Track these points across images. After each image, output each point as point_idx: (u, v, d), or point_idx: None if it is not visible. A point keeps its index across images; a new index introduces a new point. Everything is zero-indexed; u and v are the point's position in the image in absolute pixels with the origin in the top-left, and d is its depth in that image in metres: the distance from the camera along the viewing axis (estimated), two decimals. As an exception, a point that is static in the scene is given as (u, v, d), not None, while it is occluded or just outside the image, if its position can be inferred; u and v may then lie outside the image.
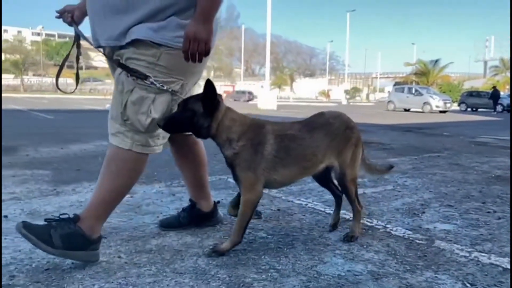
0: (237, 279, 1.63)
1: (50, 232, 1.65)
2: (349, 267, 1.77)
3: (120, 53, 1.72)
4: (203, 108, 1.76)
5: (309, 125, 2.00)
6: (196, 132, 1.84)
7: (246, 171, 1.81)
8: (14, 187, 3.11)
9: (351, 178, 2.08)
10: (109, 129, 1.79)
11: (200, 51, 1.63)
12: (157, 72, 1.69)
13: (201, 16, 1.61)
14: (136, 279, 1.62)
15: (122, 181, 1.79)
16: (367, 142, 6.53)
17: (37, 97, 30.65)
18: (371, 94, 65.67)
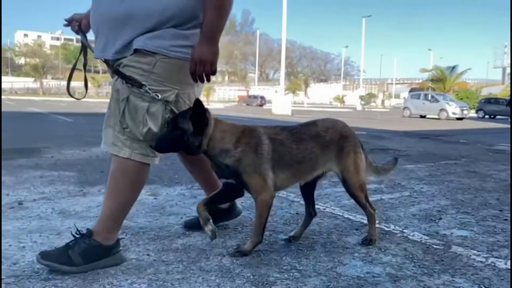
0: (261, 278, 1.71)
1: (68, 253, 1.71)
2: (368, 269, 1.84)
3: (119, 62, 1.74)
4: (192, 127, 1.77)
5: (297, 134, 2.02)
6: (188, 150, 1.86)
7: (252, 175, 1.86)
8: (43, 187, 3.25)
9: (358, 185, 2.11)
10: (105, 139, 1.81)
11: (206, 73, 1.69)
12: (151, 80, 1.70)
13: (206, 39, 1.67)
14: (165, 275, 1.72)
15: (125, 194, 1.81)
16: (383, 149, 6.57)
17: (55, 100, 31.27)
18: (386, 100, 65.25)
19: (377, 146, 7.03)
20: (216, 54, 1.69)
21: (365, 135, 9.20)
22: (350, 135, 2.12)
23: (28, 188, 3.20)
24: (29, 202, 2.80)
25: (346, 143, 2.08)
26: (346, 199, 3.13)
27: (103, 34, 1.75)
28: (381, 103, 60.70)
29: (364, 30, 45.30)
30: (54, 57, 65.82)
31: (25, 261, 1.81)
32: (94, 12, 1.79)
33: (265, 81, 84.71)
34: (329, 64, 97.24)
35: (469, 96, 36.78)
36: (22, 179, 3.55)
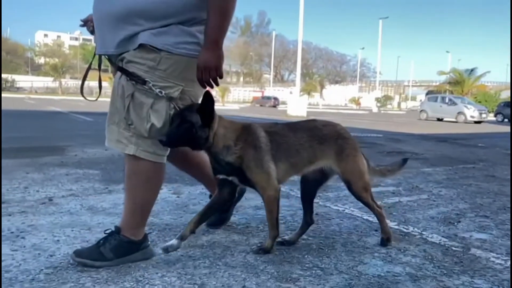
0: (284, 274, 1.78)
1: (100, 250, 1.80)
2: (388, 268, 1.89)
3: (122, 57, 1.74)
4: (200, 119, 1.79)
5: (293, 126, 2.10)
6: (195, 144, 1.85)
7: (256, 171, 1.89)
8: (70, 185, 3.38)
9: (362, 187, 2.13)
10: (110, 136, 1.83)
11: (213, 78, 1.71)
12: (156, 77, 1.71)
13: (209, 44, 1.67)
14: (193, 270, 1.80)
15: (142, 193, 1.86)
16: (400, 152, 6.57)
17: (74, 99, 31.86)
18: (402, 102, 64.58)
19: (394, 149, 7.03)
20: (220, 58, 1.70)
21: (382, 138, 9.19)
22: (349, 138, 2.15)
23: (56, 185, 3.33)
24: (59, 198, 2.93)
25: (346, 145, 2.10)
26: (365, 200, 3.18)
27: (104, 29, 1.76)
28: (397, 106, 60.13)
29: (380, 32, 44.99)
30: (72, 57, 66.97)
31: (60, 254, 1.92)
32: (96, 8, 1.80)
33: (280, 82, 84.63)
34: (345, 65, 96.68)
35: (487, 99, 36.20)
36: (49, 176, 3.68)
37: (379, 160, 5.51)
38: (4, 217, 2.42)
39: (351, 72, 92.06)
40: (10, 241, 2.05)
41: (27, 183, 3.35)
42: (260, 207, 2.88)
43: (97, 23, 1.81)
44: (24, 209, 2.61)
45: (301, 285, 1.69)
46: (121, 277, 1.70)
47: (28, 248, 1.97)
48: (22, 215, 2.48)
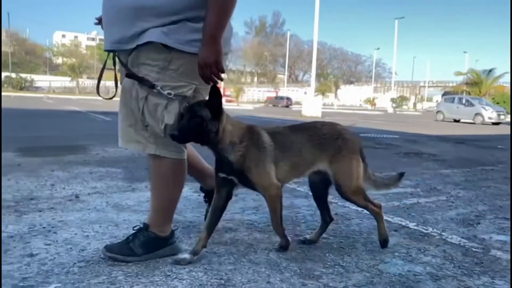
0: (307, 272, 1.83)
1: (129, 246, 1.88)
2: (409, 268, 1.93)
3: (133, 59, 1.76)
4: (210, 113, 1.79)
5: (295, 127, 2.11)
6: (204, 138, 1.83)
7: (256, 171, 1.88)
8: (94, 183, 3.48)
9: (353, 190, 2.07)
10: (127, 137, 1.86)
11: (214, 74, 1.69)
12: (168, 77, 1.73)
13: (206, 40, 1.66)
14: (219, 266, 1.86)
15: (167, 191, 1.93)
16: (417, 153, 6.55)
17: (91, 99, 32.32)
18: (418, 103, 63.90)
19: (411, 150, 7.00)
20: (218, 53, 1.68)
21: (398, 139, 9.15)
22: (349, 139, 2.11)
23: (81, 183, 3.44)
24: (84, 195, 3.02)
25: (344, 146, 2.07)
26: (384, 201, 3.21)
27: (113, 25, 1.78)
28: (413, 106, 59.52)
29: (396, 32, 44.60)
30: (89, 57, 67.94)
31: (91, 248, 2.00)
32: (104, 4, 1.81)
33: (295, 83, 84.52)
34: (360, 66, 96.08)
35: (506, 100, 35.48)
36: (73, 174, 3.79)
37: (396, 162, 5.52)
38: (35, 213, 2.53)
39: (366, 72, 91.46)
40: (43, 235, 2.14)
41: (53, 181, 3.46)
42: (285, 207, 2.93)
43: (105, 20, 1.83)
44: (53, 206, 2.71)
45: (324, 282, 1.73)
46: (150, 272, 1.77)
47: (60, 242, 2.06)
48: (51, 211, 2.58)
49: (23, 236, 2.12)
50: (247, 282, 1.71)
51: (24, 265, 1.78)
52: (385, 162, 5.48)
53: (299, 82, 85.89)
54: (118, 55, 1.84)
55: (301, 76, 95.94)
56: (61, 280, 1.65)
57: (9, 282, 1.61)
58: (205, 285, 1.67)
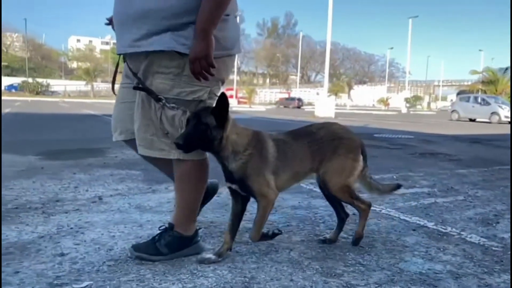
0: (329, 270, 1.88)
1: (156, 245, 1.94)
2: (429, 266, 1.95)
3: (146, 68, 1.79)
4: (215, 121, 1.79)
5: (296, 133, 2.09)
6: (209, 146, 1.83)
7: (257, 178, 1.88)
8: (116, 185, 3.57)
9: (339, 187, 2.06)
10: (150, 145, 1.89)
11: (204, 69, 1.67)
12: (183, 83, 1.76)
13: (197, 35, 1.66)
14: (242, 264, 1.92)
15: (191, 192, 1.99)
16: (433, 153, 6.52)
17: (106, 103, 32.74)
18: (432, 102, 63.20)
19: (427, 150, 6.97)
20: (209, 46, 1.66)
21: (413, 139, 9.10)
22: (345, 138, 2.10)
23: (102, 185, 3.53)
24: (107, 197, 3.11)
25: (341, 145, 2.07)
26: (401, 201, 3.23)
27: (122, 30, 1.81)
28: (427, 106, 58.91)
29: (410, 31, 44.22)
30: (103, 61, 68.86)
31: (118, 248, 2.07)
32: (115, 9, 1.85)
33: (307, 83, 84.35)
34: (373, 65, 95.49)
35: (523, 98, 34.95)
36: (95, 176, 3.89)
37: (412, 162, 5.51)
38: (62, 214, 2.62)
39: (379, 72, 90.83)
40: (71, 236, 2.23)
41: (76, 183, 3.56)
42: (298, 207, 2.98)
43: (116, 24, 1.87)
44: (78, 207, 2.79)
45: (345, 280, 1.78)
46: (177, 270, 1.83)
47: (88, 242, 2.14)
48: (77, 213, 2.66)
49: (52, 237, 2.20)
50: (271, 280, 1.76)
51: (57, 264, 1.85)
52: (400, 162, 5.48)
53: (312, 83, 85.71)
54: (127, 59, 1.89)
55: (313, 77, 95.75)
56: (92, 278, 1.72)
57: (43, 281, 1.68)
58: (230, 282, 1.72)
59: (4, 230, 2.27)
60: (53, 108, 20.67)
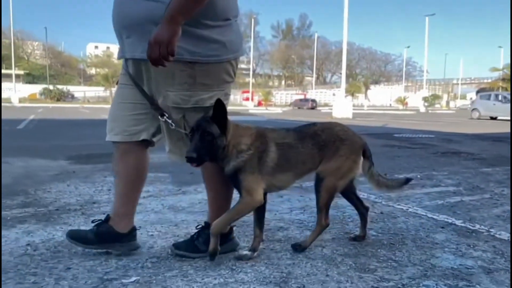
0: (362, 266, 1.94)
1: (195, 243, 2.04)
2: (460, 262, 2.00)
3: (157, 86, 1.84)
4: (218, 128, 1.80)
5: (301, 134, 2.08)
6: (216, 155, 1.84)
7: (250, 175, 1.89)
8: (146, 187, 3.64)
9: (328, 186, 2.05)
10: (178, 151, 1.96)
11: (163, 54, 1.59)
12: (200, 90, 1.80)
13: (166, 19, 1.59)
14: (278, 261, 2.00)
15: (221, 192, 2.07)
16: (455, 152, 6.49)
17: (125, 107, 33.12)
18: (451, 101, 62.25)
19: (449, 149, 6.94)
20: (174, 34, 1.59)
21: (434, 138, 9.05)
22: (347, 139, 2.10)
23: (134, 187, 3.65)
24: (140, 199, 3.18)
25: (342, 146, 2.07)
26: (427, 200, 3.27)
27: (122, 36, 1.83)
28: (445, 105, 58.07)
29: (427, 29, 43.70)
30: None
31: (158, 246, 2.18)
32: (116, 11, 1.84)
33: (323, 84, 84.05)
34: (390, 65, 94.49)
35: (546, 95, 34.17)
36: (125, 179, 4.02)
37: (434, 161, 5.51)
38: (101, 215, 2.71)
39: (396, 71, 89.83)
40: (113, 235, 2.34)
41: (109, 186, 3.70)
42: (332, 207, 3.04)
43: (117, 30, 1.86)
44: (114, 208, 2.91)
45: (379, 275, 1.84)
46: (216, 266, 1.92)
47: (129, 241, 2.24)
48: (114, 214, 2.78)
49: (95, 236, 2.32)
50: (307, 275, 1.83)
51: (103, 261, 1.97)
52: (423, 161, 5.49)
53: (327, 84, 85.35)
54: (128, 64, 1.91)
55: (329, 78, 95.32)
56: (138, 274, 1.82)
57: (94, 276, 1.80)
58: (269, 277, 1.81)
59: (50, 230, 2.41)
60: (74, 114, 21.10)
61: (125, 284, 1.72)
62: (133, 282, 1.74)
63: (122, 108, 1.99)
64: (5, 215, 2.71)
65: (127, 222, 2.06)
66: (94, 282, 1.74)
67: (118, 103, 2.02)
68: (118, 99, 2.03)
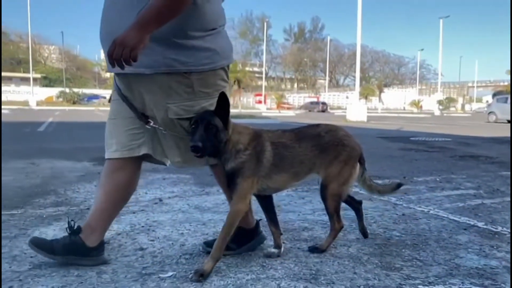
0: (388, 264, 2.01)
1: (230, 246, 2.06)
2: (485, 262, 2.05)
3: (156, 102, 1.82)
4: (221, 121, 1.81)
5: (300, 134, 2.08)
6: (217, 148, 1.83)
7: (247, 179, 1.88)
8: (171, 188, 3.80)
9: (333, 193, 2.09)
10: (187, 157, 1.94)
11: (125, 57, 1.56)
12: (200, 99, 1.81)
13: (137, 24, 1.57)
14: (306, 259, 2.07)
15: None
16: (473, 156, 6.47)
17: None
18: (466, 104, 61.51)
19: (466, 153, 6.92)
20: (141, 41, 1.56)
21: (451, 142, 9.01)
22: (349, 145, 2.12)
23: (159, 188, 3.76)
24: (167, 199, 3.33)
25: (343, 152, 2.09)
26: (448, 202, 3.31)
27: None
28: (461, 108, 57.42)
29: (441, 32, 43.32)
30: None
31: (189, 244, 2.27)
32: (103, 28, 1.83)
33: (336, 87, 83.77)
34: (403, 68, 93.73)
35: None
36: (149, 180, 4.14)
37: (453, 165, 5.52)
38: (130, 214, 2.85)
39: (409, 74, 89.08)
40: (145, 233, 2.44)
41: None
42: (347, 208, 3.08)
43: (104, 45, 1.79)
44: (142, 208, 3.03)
45: (405, 273, 1.90)
46: (247, 263, 2.01)
47: (161, 239, 2.35)
48: (143, 213, 2.89)
49: (128, 234, 2.43)
50: (335, 273, 1.90)
51: (139, 257, 2.07)
52: (441, 165, 5.50)
53: (340, 87, 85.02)
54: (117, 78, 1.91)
55: (341, 81, 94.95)
56: (174, 269, 1.92)
57: (133, 271, 1.89)
58: (298, 274, 1.88)
59: (85, 228, 2.52)
60: (90, 117, 21.43)
61: (163, 279, 1.81)
62: (170, 277, 1.83)
63: (118, 124, 1.97)
64: (40, 213, 2.84)
65: (98, 236, 1.96)
66: (134, 276, 1.83)
67: (112, 119, 2.00)
68: (112, 115, 2.00)
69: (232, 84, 31.42)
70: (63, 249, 1.89)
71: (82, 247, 1.90)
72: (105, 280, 1.79)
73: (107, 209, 1.99)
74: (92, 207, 2.03)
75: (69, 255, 1.89)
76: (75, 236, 1.91)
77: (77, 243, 1.90)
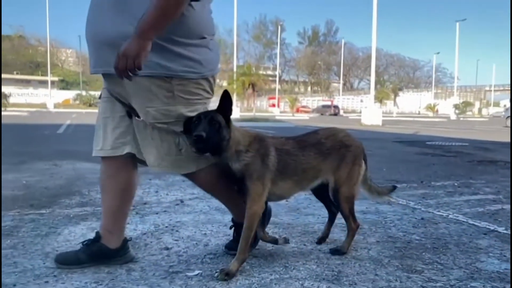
0: (409, 267, 2.04)
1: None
2: (506, 266, 2.06)
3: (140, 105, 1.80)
4: (224, 118, 1.82)
5: (302, 142, 2.08)
6: (219, 146, 1.83)
7: (256, 181, 1.88)
8: (191, 189, 3.86)
9: (346, 195, 2.12)
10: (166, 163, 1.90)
11: (129, 67, 1.60)
12: (179, 104, 1.80)
13: (137, 33, 1.59)
14: (327, 260, 2.12)
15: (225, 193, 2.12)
16: (492, 161, 6.41)
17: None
18: (483, 108, 60.62)
19: (485, 158, 6.86)
20: (143, 49, 1.60)
21: (468, 146, 8.93)
22: (352, 145, 2.15)
23: (179, 190, 3.84)
24: (187, 200, 3.41)
25: (347, 153, 2.12)
26: (467, 207, 3.31)
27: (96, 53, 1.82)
28: (477, 112, 56.60)
29: (458, 35, 42.86)
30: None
31: (212, 244, 2.33)
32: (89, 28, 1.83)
33: (350, 91, 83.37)
34: (418, 71, 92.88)
35: None
36: (169, 182, 4.22)
37: (471, 170, 5.49)
38: (154, 215, 2.93)
39: (425, 78, 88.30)
40: (169, 233, 2.52)
41: (155, 188, 3.90)
42: (366, 212, 3.13)
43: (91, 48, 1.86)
44: (165, 209, 3.10)
45: (427, 276, 1.93)
46: (270, 263, 2.06)
47: (185, 239, 2.41)
48: (166, 214, 2.97)
49: (153, 233, 2.50)
50: (357, 274, 1.94)
51: (165, 256, 2.14)
52: (459, 170, 5.47)
53: (354, 90, 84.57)
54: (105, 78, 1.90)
55: (356, 84, 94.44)
56: (200, 268, 1.98)
57: (160, 269, 1.96)
58: (321, 275, 1.93)
59: (111, 227, 2.60)
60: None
61: (190, 277, 1.87)
62: (197, 275, 1.89)
63: (104, 123, 1.98)
64: (68, 213, 2.94)
65: (119, 236, 2.03)
66: (162, 274, 1.90)
67: (99, 118, 2.02)
68: (99, 114, 2.02)
69: (246, 88, 31.51)
70: (89, 258, 1.97)
71: (107, 251, 1.98)
72: (134, 277, 1.86)
73: (118, 209, 2.05)
74: (103, 211, 2.08)
75: (95, 261, 1.97)
76: (97, 242, 1.99)
77: (101, 249, 1.98)
